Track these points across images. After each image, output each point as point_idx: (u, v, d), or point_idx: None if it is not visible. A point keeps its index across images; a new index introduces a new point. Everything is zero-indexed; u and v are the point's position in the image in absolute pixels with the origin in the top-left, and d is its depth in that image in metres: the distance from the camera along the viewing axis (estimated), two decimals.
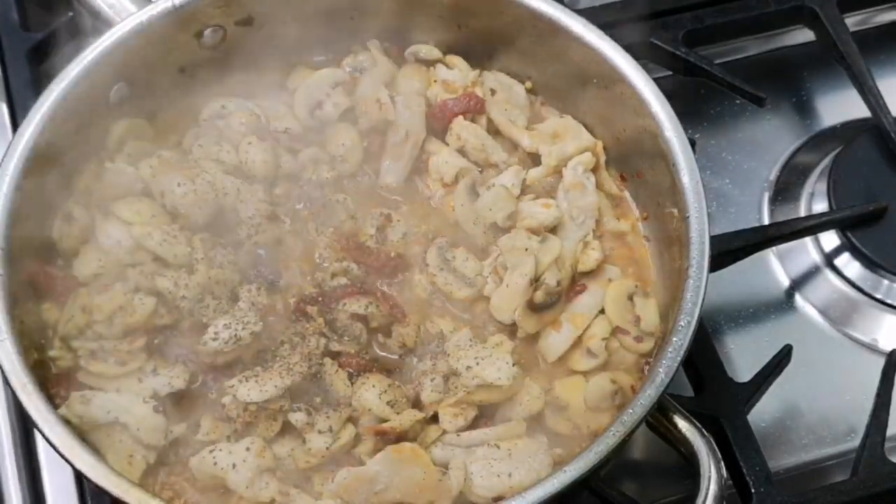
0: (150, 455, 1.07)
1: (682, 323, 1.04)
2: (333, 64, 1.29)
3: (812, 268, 1.36)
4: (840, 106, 1.48)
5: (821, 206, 1.37)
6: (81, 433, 1.04)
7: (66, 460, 0.99)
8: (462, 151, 1.24)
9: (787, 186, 1.42)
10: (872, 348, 1.31)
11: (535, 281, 1.15)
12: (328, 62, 1.30)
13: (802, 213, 1.39)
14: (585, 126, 1.26)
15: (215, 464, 1.05)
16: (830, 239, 1.36)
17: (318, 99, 1.26)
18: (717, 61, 1.44)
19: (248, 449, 1.05)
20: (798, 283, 1.36)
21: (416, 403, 1.10)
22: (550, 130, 1.25)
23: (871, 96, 1.40)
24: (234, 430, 1.08)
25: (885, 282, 1.33)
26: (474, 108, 1.24)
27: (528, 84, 1.28)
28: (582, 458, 0.98)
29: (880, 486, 1.15)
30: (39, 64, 1.41)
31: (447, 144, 1.25)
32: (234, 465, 1.04)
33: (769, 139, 1.46)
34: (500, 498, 1.03)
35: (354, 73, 1.28)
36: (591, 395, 1.11)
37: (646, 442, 1.21)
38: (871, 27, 1.56)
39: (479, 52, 1.28)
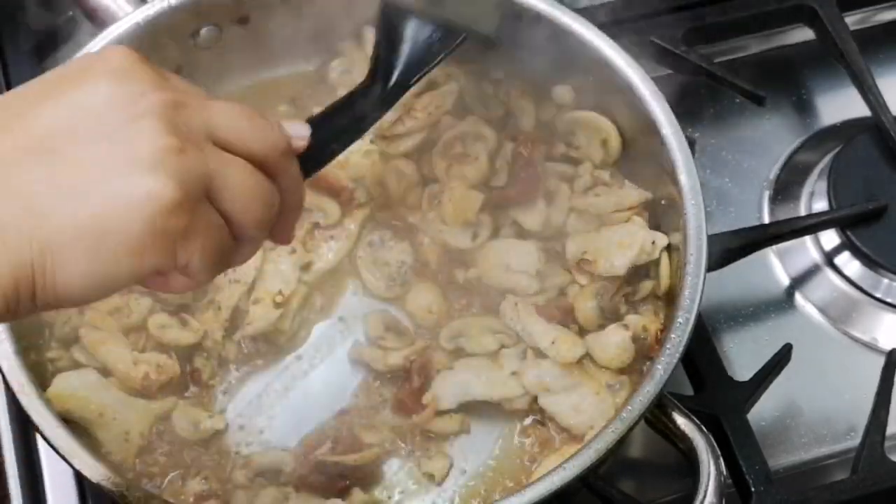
0: (145, 431, 1.08)
1: (680, 320, 1.04)
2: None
3: (812, 267, 1.36)
4: (840, 105, 1.48)
5: (821, 204, 1.37)
6: (70, 416, 1.04)
7: (66, 460, 0.99)
8: None
9: (786, 185, 1.42)
10: (872, 347, 1.31)
11: None
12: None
13: (802, 211, 1.38)
14: None
15: None
16: (830, 238, 1.36)
17: None
18: (717, 60, 1.44)
19: None
20: (798, 282, 1.36)
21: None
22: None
23: (871, 95, 1.39)
24: None
25: (885, 280, 1.32)
26: None
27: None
28: (580, 456, 0.98)
29: (880, 484, 1.15)
30: (40, 63, 1.41)
31: None
32: None
33: (769, 138, 1.46)
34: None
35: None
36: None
37: (645, 440, 1.21)
38: (870, 26, 1.55)
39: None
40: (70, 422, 1.03)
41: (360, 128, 0.99)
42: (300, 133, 0.88)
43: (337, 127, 0.96)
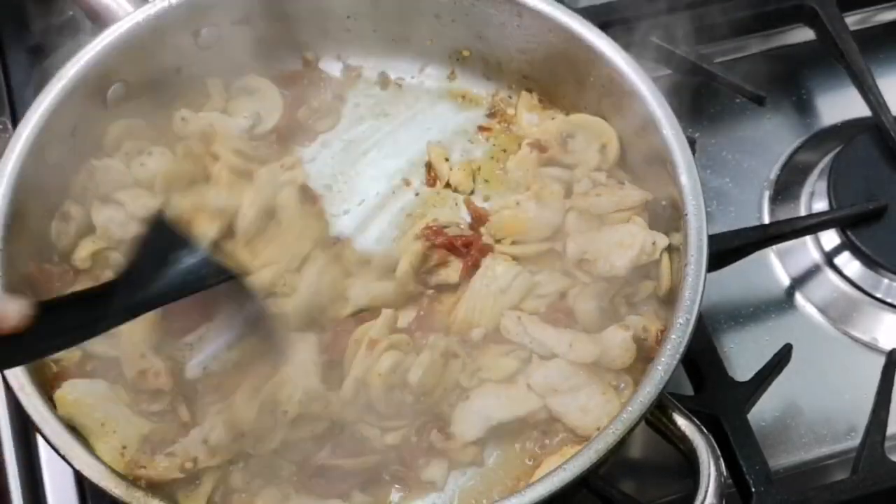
0: (141, 450, 1.07)
1: (680, 321, 1.04)
2: None
3: (812, 267, 1.36)
4: (840, 105, 1.48)
5: (821, 204, 1.37)
6: (72, 421, 1.04)
7: (66, 460, 0.99)
8: None
9: (787, 185, 1.42)
10: (872, 347, 1.31)
11: None
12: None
13: (802, 211, 1.38)
14: None
15: None
16: (830, 238, 1.36)
17: None
18: (717, 60, 1.44)
19: None
20: (798, 282, 1.36)
21: None
22: None
23: (872, 95, 1.40)
24: None
25: (885, 280, 1.32)
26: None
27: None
28: (580, 457, 0.98)
29: (880, 484, 1.15)
30: (40, 62, 1.42)
31: None
32: None
33: (769, 138, 1.46)
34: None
35: None
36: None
37: (645, 441, 1.21)
38: (871, 26, 1.56)
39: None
40: (70, 428, 1.03)
41: (92, 329, 0.90)
42: (10, 311, 0.79)
43: (67, 320, 0.87)
